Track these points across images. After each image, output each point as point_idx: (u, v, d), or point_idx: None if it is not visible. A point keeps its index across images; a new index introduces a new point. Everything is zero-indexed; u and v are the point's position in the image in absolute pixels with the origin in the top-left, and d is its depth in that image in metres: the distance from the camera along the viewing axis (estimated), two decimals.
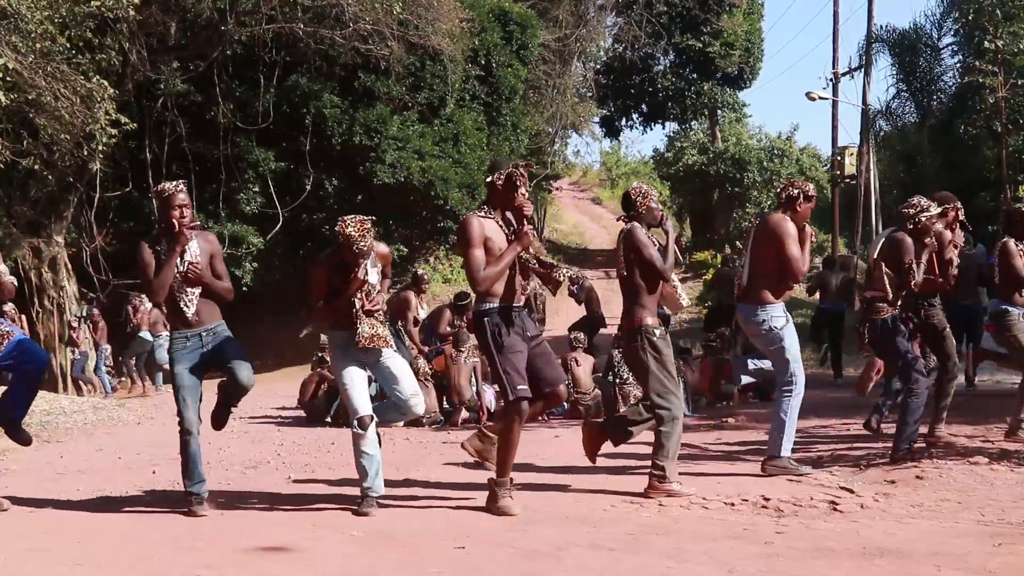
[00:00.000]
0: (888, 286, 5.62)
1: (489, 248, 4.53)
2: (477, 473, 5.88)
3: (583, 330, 10.19)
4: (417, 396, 4.89)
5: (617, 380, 8.83)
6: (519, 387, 4.53)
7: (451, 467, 6.17)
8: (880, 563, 3.53)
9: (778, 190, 5.89)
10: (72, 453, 7.44)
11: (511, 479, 4.68)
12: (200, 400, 4.76)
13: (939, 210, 5.80)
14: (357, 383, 4.76)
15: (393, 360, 4.85)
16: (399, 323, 10.96)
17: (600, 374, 9.42)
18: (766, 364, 8.30)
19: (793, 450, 5.45)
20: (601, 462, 5.51)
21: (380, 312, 4.84)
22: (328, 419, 9.36)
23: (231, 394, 4.92)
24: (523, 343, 4.62)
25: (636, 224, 5.09)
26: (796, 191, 5.50)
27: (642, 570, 3.56)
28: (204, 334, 4.75)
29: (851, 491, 4.94)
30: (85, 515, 4.83)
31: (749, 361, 9.71)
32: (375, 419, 4.77)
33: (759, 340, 5.56)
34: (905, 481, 5.10)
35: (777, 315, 5.37)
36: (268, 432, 8.80)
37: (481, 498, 4.78)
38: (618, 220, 5.39)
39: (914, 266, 5.61)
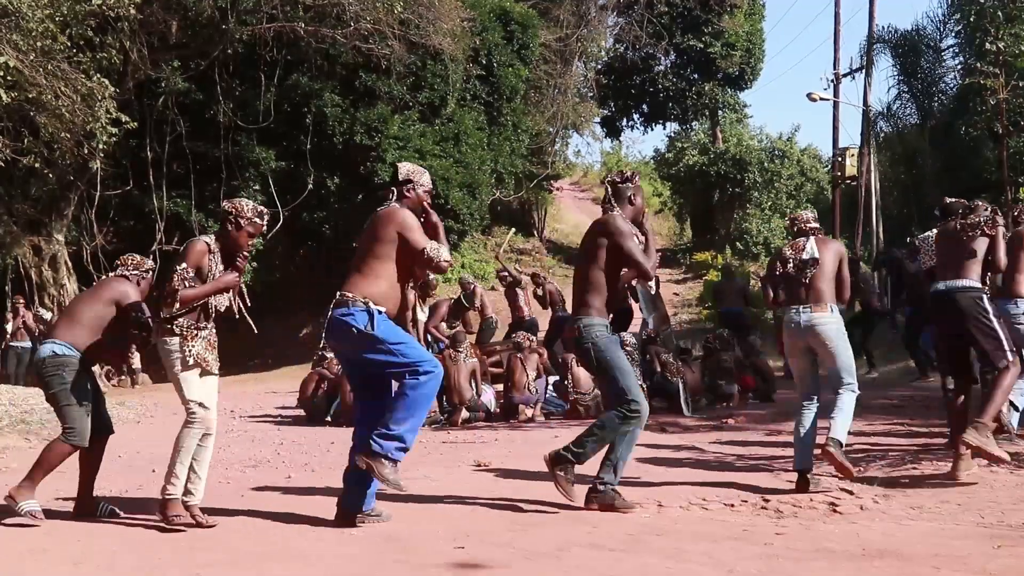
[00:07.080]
0: None
1: None
2: (477, 473, 5.89)
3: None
4: None
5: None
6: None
7: (451, 467, 6.16)
8: (879, 564, 3.53)
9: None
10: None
11: None
12: None
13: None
14: None
15: None
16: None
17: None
18: None
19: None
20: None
21: None
22: (328, 419, 9.35)
23: None
24: None
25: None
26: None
27: (642, 570, 3.55)
28: None
29: (850, 492, 4.94)
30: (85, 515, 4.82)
31: None
32: None
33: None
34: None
35: None
36: (268, 432, 8.80)
37: (481, 498, 4.78)
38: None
39: None
